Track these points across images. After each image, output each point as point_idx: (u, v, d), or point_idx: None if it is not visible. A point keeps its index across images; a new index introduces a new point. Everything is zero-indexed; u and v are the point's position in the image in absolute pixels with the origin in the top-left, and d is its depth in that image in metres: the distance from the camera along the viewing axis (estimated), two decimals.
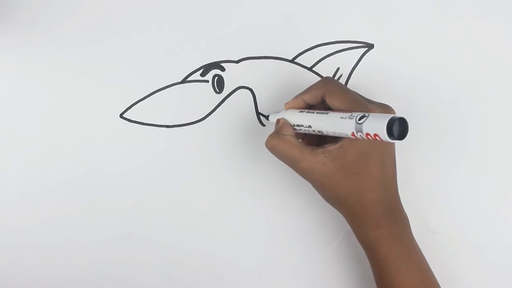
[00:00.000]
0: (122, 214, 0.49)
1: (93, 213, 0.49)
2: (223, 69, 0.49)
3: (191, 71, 0.49)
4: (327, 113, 0.39)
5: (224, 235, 0.49)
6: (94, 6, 0.48)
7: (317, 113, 0.40)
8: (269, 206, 0.49)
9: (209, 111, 0.49)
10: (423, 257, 0.44)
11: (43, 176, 0.48)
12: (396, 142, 0.34)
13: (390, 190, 0.42)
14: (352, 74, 0.49)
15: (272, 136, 0.42)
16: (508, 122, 0.49)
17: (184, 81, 0.49)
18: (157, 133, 0.49)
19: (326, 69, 0.49)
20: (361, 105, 0.39)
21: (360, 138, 0.36)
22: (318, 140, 0.45)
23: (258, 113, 0.49)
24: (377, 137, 0.34)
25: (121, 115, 0.48)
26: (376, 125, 0.34)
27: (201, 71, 0.49)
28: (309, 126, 0.41)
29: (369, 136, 0.35)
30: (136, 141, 0.49)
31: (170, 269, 0.49)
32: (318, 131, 0.40)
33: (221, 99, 0.49)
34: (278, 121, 0.44)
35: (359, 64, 0.49)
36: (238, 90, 0.49)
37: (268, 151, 0.42)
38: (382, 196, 0.42)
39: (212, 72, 0.49)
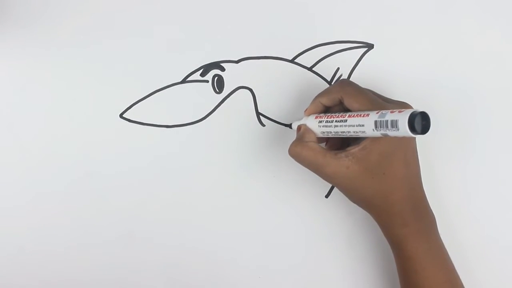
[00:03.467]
0: (122, 214, 0.49)
1: (93, 213, 0.49)
2: (223, 69, 0.49)
3: (191, 71, 0.49)
4: (346, 120, 0.39)
5: (224, 235, 0.49)
6: (94, 6, 0.48)
7: (336, 120, 0.40)
8: (269, 206, 0.49)
9: (209, 111, 0.49)
10: (449, 256, 0.44)
11: (43, 176, 0.48)
12: (418, 137, 0.35)
13: (415, 188, 0.43)
14: (352, 74, 0.49)
15: (295, 144, 0.42)
16: (508, 122, 0.49)
17: (184, 81, 0.49)
18: (157, 133, 0.49)
19: (326, 69, 0.49)
20: (379, 104, 0.40)
21: (382, 136, 0.36)
22: (341, 143, 0.45)
23: (258, 113, 0.49)
24: (396, 132, 0.34)
25: (121, 115, 0.48)
26: (398, 121, 0.34)
27: (201, 71, 0.49)
28: (330, 132, 0.41)
29: (389, 128, 0.35)
30: (136, 141, 0.49)
31: (170, 269, 0.49)
32: (341, 133, 0.40)
33: (221, 99, 0.49)
34: (299, 128, 0.44)
35: (359, 64, 0.49)
36: (238, 90, 0.49)
37: (288, 157, 0.43)
38: (408, 194, 0.42)
39: (212, 72, 0.49)
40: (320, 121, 0.42)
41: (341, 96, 0.41)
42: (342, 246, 0.49)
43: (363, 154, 0.40)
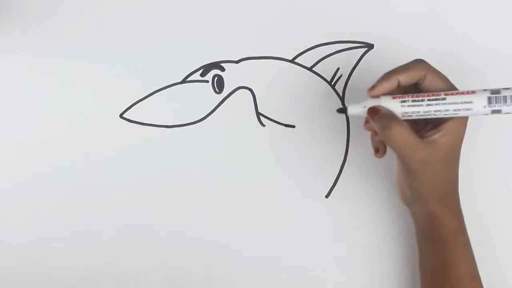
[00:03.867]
0: (122, 214, 0.49)
1: (93, 212, 0.49)
2: (223, 69, 0.49)
3: (191, 71, 0.49)
4: (444, 98, 0.39)
5: (224, 234, 0.49)
6: (94, 6, 0.48)
7: (430, 99, 0.39)
8: (269, 206, 0.49)
9: (209, 111, 0.49)
10: None
11: (43, 176, 0.48)
12: None
13: (458, 176, 0.43)
14: (352, 74, 0.49)
15: (395, 123, 0.38)
16: (509, 122, 0.49)
17: (184, 81, 0.49)
18: (157, 133, 0.49)
19: (326, 69, 0.49)
20: (456, 89, 0.39)
21: (492, 112, 0.38)
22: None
23: (258, 113, 0.49)
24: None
25: (121, 115, 0.48)
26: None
27: (201, 71, 0.49)
28: (417, 112, 0.39)
29: (507, 108, 0.37)
30: (136, 141, 0.49)
31: (170, 268, 0.49)
32: (434, 112, 0.39)
33: (221, 99, 0.49)
34: (375, 110, 0.39)
35: (359, 64, 0.49)
36: (238, 90, 0.49)
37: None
38: (457, 183, 0.42)
39: (212, 72, 0.49)
40: (404, 101, 0.39)
41: (425, 75, 0.39)
42: (342, 246, 0.49)
43: (445, 139, 0.39)
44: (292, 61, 0.49)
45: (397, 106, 0.39)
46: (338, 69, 0.49)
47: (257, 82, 0.49)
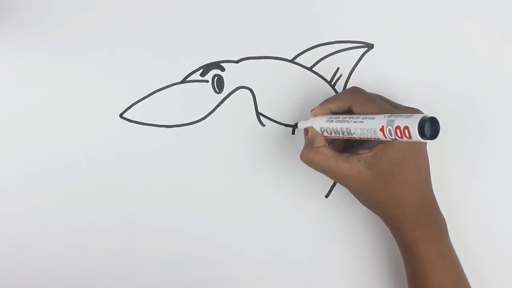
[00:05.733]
0: (122, 214, 0.49)
1: (93, 213, 0.49)
2: (223, 69, 0.49)
3: (191, 71, 0.49)
4: (362, 121, 0.39)
5: (224, 234, 0.49)
6: (94, 6, 0.48)
7: (344, 121, 0.40)
8: (269, 206, 0.49)
9: (209, 111, 0.49)
10: (458, 258, 0.44)
11: (43, 176, 0.48)
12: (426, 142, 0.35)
13: (426, 192, 0.43)
14: (352, 74, 0.49)
15: (306, 150, 0.43)
16: (510, 122, 0.49)
17: (184, 81, 0.49)
18: (157, 133, 0.49)
19: (326, 69, 0.49)
20: (390, 111, 0.40)
21: (389, 138, 0.36)
22: (345, 144, 0.45)
23: (258, 113, 0.49)
24: (406, 137, 0.35)
25: (121, 115, 0.48)
26: (408, 125, 0.34)
27: (201, 71, 0.49)
28: (338, 133, 0.41)
29: (399, 134, 0.35)
30: (136, 141, 0.49)
31: (170, 268, 0.49)
32: (348, 135, 0.40)
33: (221, 99, 0.49)
34: (306, 131, 0.44)
35: (359, 64, 0.49)
36: (238, 90, 0.49)
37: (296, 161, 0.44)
38: (418, 199, 0.42)
39: (212, 72, 0.49)
40: (331, 118, 0.42)
41: (351, 105, 0.42)
42: (342, 246, 0.49)
43: (374, 160, 0.40)
44: (292, 61, 0.49)
45: (324, 122, 0.42)
46: (338, 69, 0.49)
47: (257, 82, 0.49)
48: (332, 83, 0.49)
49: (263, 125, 0.49)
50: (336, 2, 0.49)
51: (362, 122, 0.39)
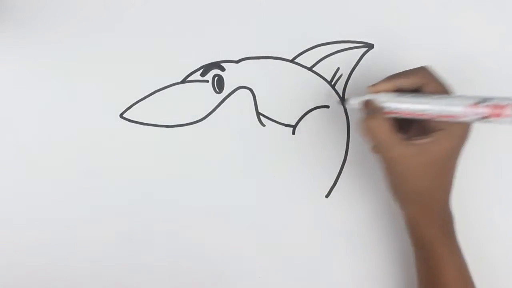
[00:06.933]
0: (122, 214, 0.49)
1: (93, 213, 0.49)
2: (223, 69, 0.49)
3: (191, 71, 0.49)
4: (436, 97, 0.38)
5: (224, 235, 0.49)
6: (94, 6, 0.48)
7: (419, 97, 0.39)
8: (269, 206, 0.49)
9: (209, 111, 0.49)
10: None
11: (43, 176, 0.48)
12: None
13: (452, 188, 0.42)
14: (352, 74, 0.49)
15: (371, 116, 0.39)
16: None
17: (184, 81, 0.49)
18: (157, 133, 0.49)
19: (326, 69, 0.49)
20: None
21: (479, 116, 0.36)
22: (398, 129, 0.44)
23: (258, 113, 0.49)
24: (506, 115, 0.35)
25: (121, 115, 0.48)
26: (509, 102, 0.35)
27: (201, 71, 0.49)
28: (408, 110, 0.39)
29: (497, 112, 0.35)
30: (136, 141, 0.49)
31: (170, 268, 0.49)
32: (427, 111, 0.39)
33: (221, 99, 0.49)
34: (369, 102, 0.41)
35: (359, 64, 0.49)
36: (238, 90, 0.49)
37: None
38: (449, 195, 0.42)
39: (212, 72, 0.49)
40: (402, 95, 0.40)
41: (425, 83, 0.40)
42: (342, 246, 0.49)
43: (431, 146, 0.39)
44: (292, 61, 0.49)
45: (392, 99, 0.40)
46: (338, 69, 0.49)
47: (257, 82, 0.49)
48: (332, 83, 0.49)
49: (263, 125, 0.49)
50: (336, 2, 0.49)
51: (447, 99, 0.38)
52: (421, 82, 0.40)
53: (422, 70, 0.41)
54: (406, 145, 0.39)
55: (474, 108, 0.36)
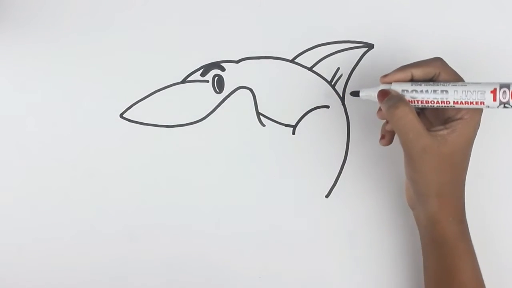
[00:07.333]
0: (122, 214, 0.49)
1: (93, 213, 0.49)
2: (223, 69, 0.49)
3: (191, 71, 0.49)
4: (455, 84, 0.38)
5: (224, 235, 0.49)
6: (94, 5, 0.48)
7: (437, 85, 0.39)
8: (269, 206, 0.49)
9: (209, 111, 0.49)
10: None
11: (43, 176, 0.48)
12: None
13: (465, 182, 0.42)
14: (352, 74, 0.49)
15: (403, 104, 0.38)
16: (510, 121, 0.49)
17: (184, 81, 0.49)
18: (157, 133, 0.49)
19: (326, 69, 0.49)
20: None
21: (499, 102, 0.36)
22: None
23: (258, 113, 0.49)
24: None
25: (121, 115, 0.48)
26: None
27: (201, 71, 0.49)
28: (424, 98, 0.39)
29: None
30: (136, 141, 0.49)
31: (170, 268, 0.49)
32: (437, 99, 0.38)
33: (221, 99, 0.49)
34: (385, 93, 0.40)
35: (359, 64, 0.49)
36: (238, 90, 0.49)
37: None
38: (464, 190, 0.41)
39: (212, 72, 0.49)
40: (418, 84, 0.39)
41: (439, 72, 0.40)
42: (342, 246, 0.49)
43: (452, 137, 0.38)
44: (292, 61, 0.49)
45: (408, 88, 0.40)
46: (338, 69, 0.49)
47: (257, 82, 0.49)
48: (332, 83, 0.49)
49: (263, 125, 0.49)
50: (336, 2, 0.49)
51: (465, 85, 0.38)
52: (435, 71, 0.40)
53: (436, 60, 0.41)
54: (431, 135, 0.38)
55: (495, 93, 0.36)
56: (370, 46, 0.49)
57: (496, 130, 0.49)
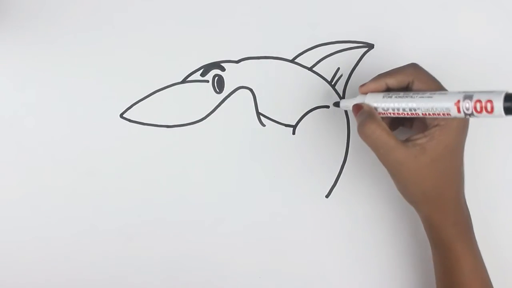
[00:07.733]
0: (122, 214, 0.49)
1: (93, 213, 0.49)
2: (223, 69, 0.49)
3: (191, 71, 0.49)
4: (431, 96, 0.37)
5: (224, 234, 0.49)
6: (94, 5, 0.48)
7: (406, 97, 0.38)
8: (269, 206, 0.49)
9: (209, 111, 0.49)
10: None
11: (43, 176, 0.48)
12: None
13: (462, 185, 0.42)
14: (352, 74, 0.49)
15: (370, 121, 0.39)
16: (510, 121, 0.49)
17: (184, 81, 0.49)
18: (157, 133, 0.49)
19: (326, 69, 0.49)
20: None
21: (463, 114, 0.35)
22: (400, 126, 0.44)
23: (258, 113, 0.49)
24: (487, 111, 0.33)
25: (121, 115, 0.48)
26: (491, 99, 0.33)
27: (201, 71, 0.49)
28: (397, 110, 0.39)
29: (478, 108, 0.34)
30: (136, 141, 0.49)
31: (170, 268, 0.49)
32: (408, 112, 0.38)
33: (221, 99, 0.49)
34: (359, 107, 0.41)
35: (359, 64, 0.49)
36: (238, 90, 0.49)
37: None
38: (459, 191, 0.41)
39: (212, 72, 0.49)
40: (389, 95, 0.39)
41: (412, 80, 0.40)
42: (342, 246, 0.49)
43: (430, 144, 0.38)
44: (292, 61, 0.49)
45: (379, 100, 0.40)
46: (338, 69, 0.49)
47: (257, 82, 0.49)
48: (332, 83, 0.49)
49: (263, 125, 0.49)
50: (336, 2, 0.49)
51: (431, 97, 0.37)
52: (408, 79, 0.40)
53: (410, 68, 0.41)
54: (405, 147, 0.39)
55: (459, 105, 0.35)
56: (370, 46, 0.49)
57: (496, 130, 0.49)
